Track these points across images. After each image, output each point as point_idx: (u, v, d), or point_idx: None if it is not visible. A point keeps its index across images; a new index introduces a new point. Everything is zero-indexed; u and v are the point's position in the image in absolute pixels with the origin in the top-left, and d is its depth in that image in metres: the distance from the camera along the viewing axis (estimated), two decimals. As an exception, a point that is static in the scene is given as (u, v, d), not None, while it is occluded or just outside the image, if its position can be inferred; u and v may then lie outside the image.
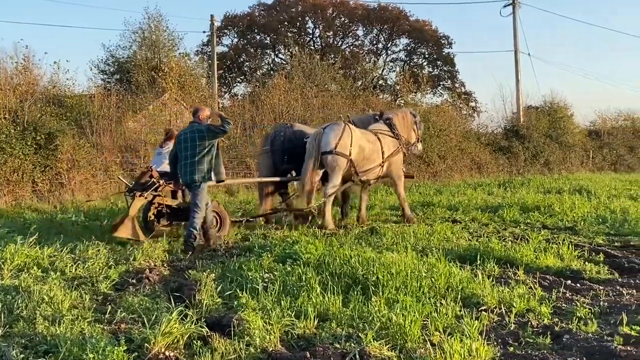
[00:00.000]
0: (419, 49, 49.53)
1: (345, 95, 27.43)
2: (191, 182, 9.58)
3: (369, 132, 12.30)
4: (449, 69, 48.44)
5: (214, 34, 32.78)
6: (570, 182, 22.04)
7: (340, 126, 11.69)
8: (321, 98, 25.87)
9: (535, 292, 6.30)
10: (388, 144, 12.40)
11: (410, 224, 11.78)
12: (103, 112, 19.47)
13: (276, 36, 47.31)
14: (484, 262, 7.72)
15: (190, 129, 9.84)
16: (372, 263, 6.90)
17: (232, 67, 46.71)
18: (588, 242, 9.78)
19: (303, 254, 7.57)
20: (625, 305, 5.91)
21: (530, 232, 10.65)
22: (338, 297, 5.89)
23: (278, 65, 45.55)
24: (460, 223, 12.16)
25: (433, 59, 49.09)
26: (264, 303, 5.74)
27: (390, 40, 49.67)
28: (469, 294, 6.20)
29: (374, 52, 49.50)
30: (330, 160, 11.50)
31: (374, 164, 12.08)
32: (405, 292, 6.07)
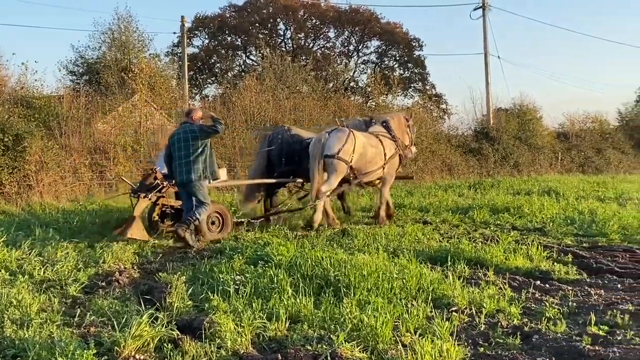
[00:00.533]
0: (390, 51, 49.76)
1: (317, 97, 27.40)
2: (187, 181, 9.82)
3: (371, 135, 12.52)
4: (420, 71, 48.75)
5: (184, 35, 32.62)
6: (539, 183, 22.30)
7: (345, 132, 11.90)
8: (292, 100, 25.84)
9: (505, 293, 6.37)
10: (389, 146, 12.65)
11: (380, 225, 11.91)
12: (72, 113, 19.21)
13: (247, 37, 47.21)
14: (455, 263, 7.78)
15: (183, 129, 10.10)
16: (344, 265, 6.92)
17: (202, 68, 46.47)
18: (557, 243, 9.91)
19: (275, 255, 7.55)
20: (593, 305, 5.99)
21: (500, 233, 10.76)
22: (310, 299, 5.89)
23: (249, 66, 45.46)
24: (431, 224, 12.24)
25: (404, 61, 49.35)
26: (235, 305, 5.72)
27: (362, 43, 49.87)
28: (440, 295, 6.24)
29: (345, 54, 49.68)
30: (331, 164, 11.70)
31: (376, 166, 12.32)
32: (377, 293, 6.09)
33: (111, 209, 13.27)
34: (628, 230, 10.90)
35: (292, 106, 25.10)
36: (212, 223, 10.76)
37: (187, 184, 9.88)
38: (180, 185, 10.11)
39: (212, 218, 10.76)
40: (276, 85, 27.21)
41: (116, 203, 13.54)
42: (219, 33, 47.68)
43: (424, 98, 42.90)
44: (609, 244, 9.82)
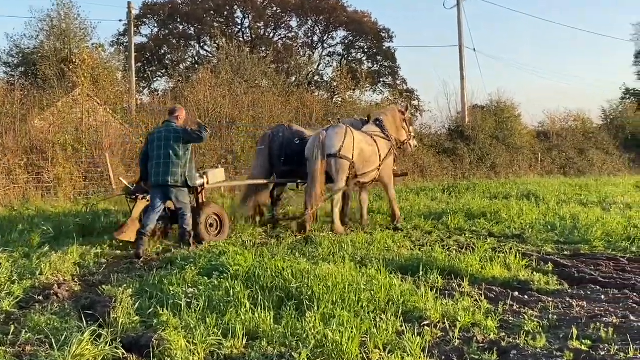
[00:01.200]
0: (357, 42, 49.95)
1: (278, 92, 27.43)
2: (163, 183, 10.02)
3: (366, 134, 12.94)
4: (390, 64, 49.01)
5: (131, 22, 32.26)
6: (517, 186, 22.56)
7: (342, 128, 12.38)
8: (251, 95, 25.82)
9: (481, 305, 6.42)
10: (382, 146, 13.07)
11: (397, 224, 12.83)
12: (5, 109, 18.92)
13: (201, 26, 46.92)
14: (427, 273, 7.82)
15: (165, 127, 10.34)
16: (307, 275, 6.92)
17: (151, 59, 46.09)
18: (536, 250, 10.04)
19: (231, 266, 7.52)
20: (575, 318, 6.07)
21: (476, 241, 10.85)
22: (269, 313, 5.88)
23: (203, 58, 45.21)
24: (402, 231, 12.30)
25: (373, 54, 49.57)
26: (187, 321, 5.69)
27: (327, 33, 49.97)
28: (411, 307, 6.27)
29: (309, 46, 49.72)
30: (335, 164, 12.12)
31: (373, 166, 12.77)
32: (343, 306, 6.10)
33: (50, 215, 13.10)
34: (612, 237, 11.07)
35: (251, 102, 25.08)
36: (210, 225, 11.09)
37: (161, 186, 10.09)
38: (155, 187, 10.27)
39: (210, 220, 11.10)
40: (233, 78, 27.14)
41: (54, 208, 13.36)
42: (170, 21, 47.34)
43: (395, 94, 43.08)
44: (592, 252, 9.97)
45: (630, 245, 10.28)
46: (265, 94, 26.58)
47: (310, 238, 10.91)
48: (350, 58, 49.61)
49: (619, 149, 40.07)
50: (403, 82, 48.71)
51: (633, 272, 8.25)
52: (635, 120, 42.38)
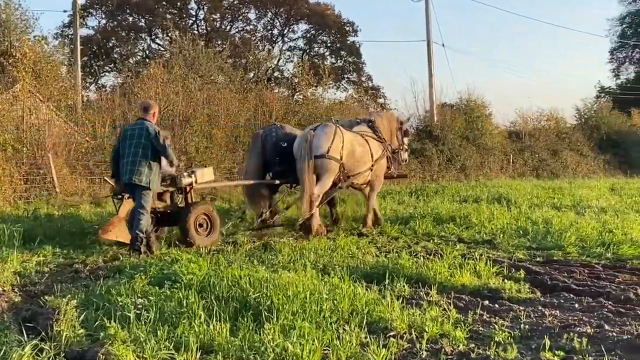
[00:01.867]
0: (319, 36, 50.10)
1: (235, 89, 27.34)
2: (129, 181, 10.38)
3: (357, 134, 13.21)
4: (354, 60, 49.23)
5: (77, 13, 31.93)
6: (488, 189, 22.77)
7: (332, 128, 12.60)
8: (206, 91, 25.71)
9: (449, 315, 6.45)
10: (375, 147, 13.39)
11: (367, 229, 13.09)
12: (-63, 106, 18.60)
13: (152, 18, 46.66)
14: (393, 281, 7.86)
15: (139, 125, 10.69)
16: (266, 284, 6.90)
17: (99, 53, 45.63)
18: (507, 257, 10.13)
19: (184, 274, 7.48)
20: (547, 327, 6.13)
21: (444, 247, 10.93)
22: (225, 324, 5.85)
23: (155, 52, 44.99)
24: (367, 237, 12.36)
25: (336, 49, 49.76)
26: (136, 334, 5.63)
27: (287, 26, 50.06)
28: (376, 318, 6.29)
29: (268, 39, 49.75)
30: (322, 164, 12.33)
31: (364, 167, 13.07)
32: (304, 317, 6.09)
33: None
34: (586, 243, 11.21)
35: (206, 99, 24.97)
36: (199, 225, 11.33)
37: (129, 185, 10.42)
38: (126, 186, 10.66)
39: (200, 220, 11.35)
40: (187, 74, 27.00)
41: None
42: (119, 12, 46.99)
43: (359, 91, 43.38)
44: (566, 258, 10.10)
45: (605, 251, 10.43)
46: (221, 90, 26.46)
47: (269, 244, 10.92)
48: (312, 53, 49.77)
49: (593, 150, 40.58)
50: (368, 78, 49.07)
51: (608, 280, 8.37)
52: (611, 120, 42.96)
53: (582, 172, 37.21)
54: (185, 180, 11.50)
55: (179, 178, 11.53)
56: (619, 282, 8.21)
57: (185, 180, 11.49)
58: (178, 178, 11.53)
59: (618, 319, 6.36)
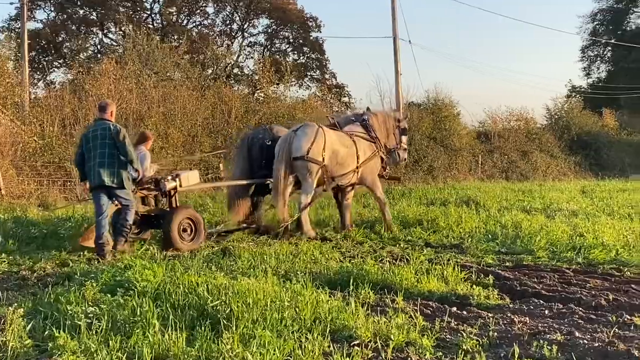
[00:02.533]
0: (281, 31, 50.04)
1: (192, 86, 27.25)
2: (99, 184, 10.56)
3: (344, 134, 13.27)
4: (318, 56, 49.25)
5: (24, 6, 31.58)
6: (456, 192, 22.96)
7: (313, 128, 12.66)
8: (162, 88, 25.59)
9: (416, 322, 6.48)
10: (364, 148, 13.45)
11: (390, 232, 13.17)
12: None
13: (105, 11, 46.20)
14: (358, 287, 7.87)
15: (100, 126, 10.81)
16: (224, 291, 6.88)
17: (47, 48, 45.16)
18: (476, 262, 10.22)
19: (138, 281, 7.42)
20: (517, 335, 6.19)
21: (411, 252, 10.96)
22: (181, 334, 5.82)
23: (107, 47, 44.53)
24: (331, 241, 12.37)
25: (298, 45, 49.72)
26: (87, 344, 5.58)
27: (247, 21, 49.91)
28: (340, 325, 6.30)
29: (227, 35, 49.57)
30: (302, 167, 12.45)
31: (347, 169, 13.09)
32: (264, 325, 6.08)
33: None
34: (557, 247, 11.36)
35: (162, 96, 24.86)
36: (183, 230, 11.45)
37: (100, 187, 10.62)
38: (96, 188, 10.76)
39: (184, 225, 11.49)
40: (141, 70, 26.84)
41: None
42: (69, 5, 46.44)
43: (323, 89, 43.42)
44: (536, 263, 10.21)
45: (575, 256, 10.57)
46: (177, 88, 26.37)
47: (227, 249, 10.89)
48: (274, 49, 49.74)
49: (564, 151, 40.97)
50: (332, 76, 49.08)
51: (579, 285, 8.48)
52: (582, 120, 43.45)
53: (552, 174, 37.56)
54: (169, 184, 11.70)
55: (162, 182, 11.70)
56: (590, 288, 8.31)
57: (169, 184, 11.68)
58: (162, 182, 11.70)
59: (589, 326, 6.45)
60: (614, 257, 10.54)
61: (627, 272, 9.40)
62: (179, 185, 11.86)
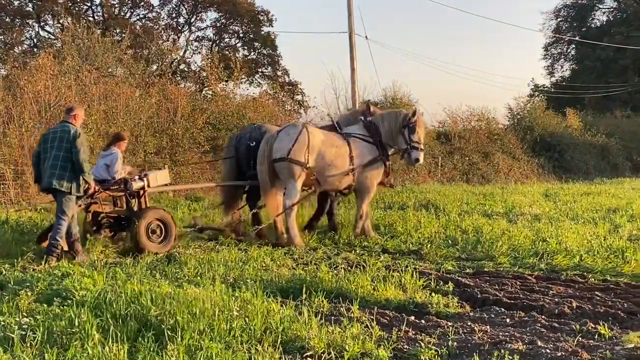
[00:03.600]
0: (231, 26, 49.92)
1: (136, 83, 26.99)
2: (48, 186, 10.70)
3: (336, 135, 13.25)
4: (269, 52, 49.21)
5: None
6: (415, 195, 23.04)
7: (297, 128, 12.74)
8: (103, 85, 25.28)
9: (372, 332, 6.51)
10: (361, 150, 13.28)
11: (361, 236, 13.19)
12: None
13: (41, 2, 45.62)
14: (311, 296, 7.89)
15: (61, 127, 10.98)
16: (169, 301, 6.86)
17: (-22, 41, 44.45)
18: (435, 268, 10.30)
19: (76, 290, 7.38)
20: (477, 344, 6.25)
21: (367, 258, 11.00)
22: (123, 346, 5.78)
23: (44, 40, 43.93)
24: (283, 247, 12.35)
25: (249, 40, 49.65)
26: (21, 357, 5.52)
27: (195, 14, 49.68)
28: (292, 336, 6.31)
29: (173, 29, 49.25)
30: (283, 170, 12.49)
31: (337, 171, 12.99)
32: (212, 336, 6.07)
33: None
34: (519, 253, 11.49)
35: (103, 93, 24.57)
36: (152, 232, 11.60)
37: (49, 190, 10.86)
38: (44, 190, 11.17)
39: (152, 227, 11.53)
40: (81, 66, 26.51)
41: None
42: (2, -5, 45.80)
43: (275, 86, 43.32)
44: (497, 270, 10.33)
45: (538, 262, 10.71)
46: (120, 84, 26.07)
47: (173, 256, 10.84)
48: (223, 44, 49.58)
49: (526, 152, 41.29)
50: (285, 73, 49.05)
51: (541, 292, 8.59)
52: (545, 121, 43.83)
53: (514, 177, 37.82)
54: (136, 184, 11.81)
55: (129, 182, 11.78)
56: (553, 295, 8.44)
57: (135, 184, 11.79)
58: (129, 182, 11.78)
59: (552, 335, 6.54)
60: (578, 263, 10.70)
61: (591, 279, 9.57)
62: (146, 185, 11.95)
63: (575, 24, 67.17)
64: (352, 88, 34.16)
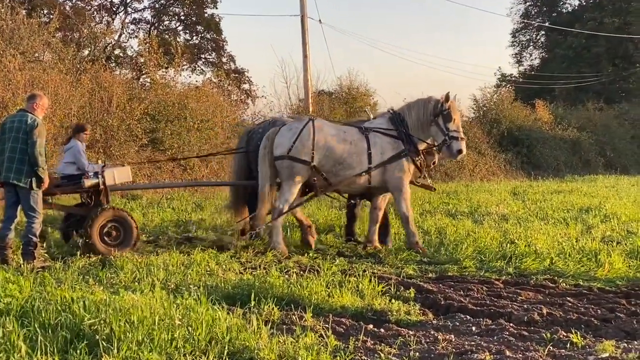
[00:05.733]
0: (171, 7, 49.54)
1: (66, 69, 26.70)
2: (6, 180, 10.78)
3: (351, 129, 12.73)
4: (214, 36, 48.95)
5: None
6: (373, 193, 23.09)
7: (302, 122, 12.41)
8: (29, 71, 24.99)
9: (327, 342, 6.52)
10: (382, 146, 12.60)
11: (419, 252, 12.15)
12: None
13: (-41, -21, 44.98)
14: (260, 302, 7.89)
15: (18, 117, 11.10)
16: (104, 309, 6.80)
17: None
18: (395, 273, 10.36)
19: (0, 297, 7.28)
20: (440, 354, 6.30)
21: (321, 261, 11.03)
22: (53, 358, 5.74)
23: (-38, 22, 43.29)
24: (229, 250, 12.31)
25: (191, 23, 49.35)
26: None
27: (131, -6, 49.24)
28: (240, 346, 6.30)
29: (107, 10, 48.75)
30: (283, 168, 12.20)
31: (350, 170, 12.42)
32: (151, 347, 6.04)
33: None
34: (485, 256, 11.60)
35: (29, 81, 24.27)
36: (107, 234, 11.72)
37: (11, 185, 10.85)
38: (5, 185, 11.07)
39: (107, 228, 11.74)
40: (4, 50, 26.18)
41: None
42: None
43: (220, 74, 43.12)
44: (462, 274, 10.43)
45: (506, 265, 10.83)
46: (48, 71, 25.78)
47: (107, 260, 10.75)
48: (162, 27, 49.21)
49: (493, 147, 41.51)
50: (231, 59, 48.83)
51: (509, 298, 8.69)
52: (512, 113, 44.08)
53: (480, 174, 38.01)
54: (89, 181, 11.80)
55: (83, 179, 11.82)
56: (522, 301, 8.54)
57: (88, 181, 11.79)
58: (82, 179, 11.82)
59: (521, 344, 6.62)
60: (548, 266, 10.86)
61: (563, 283, 9.71)
62: (101, 182, 11.86)
63: (545, 9, 67.36)
64: (305, 76, 34.04)
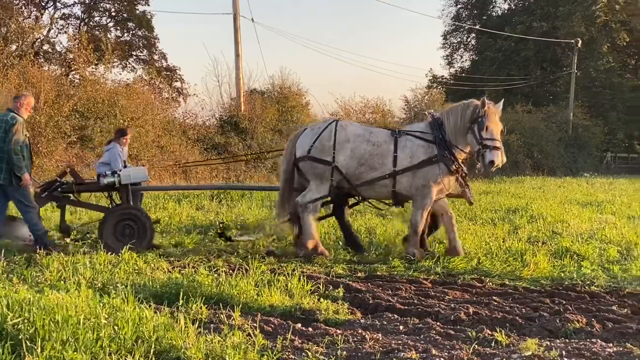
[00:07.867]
0: (101, 3, 49.11)
1: (-8, 65, 26.31)
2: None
3: (379, 130, 12.49)
4: (145, 34, 48.69)
5: None
6: (302, 193, 23.13)
7: (326, 123, 12.24)
8: (-48, 68, 24.58)
9: (255, 341, 6.52)
10: (412, 150, 11.96)
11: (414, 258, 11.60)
12: None
13: None
14: (188, 301, 7.85)
15: (3, 115, 11.42)
16: (28, 307, 6.71)
17: None
18: (324, 272, 10.40)
19: None
20: (368, 353, 6.34)
21: (250, 260, 11.00)
22: (-26, 358, 5.64)
23: None
24: (158, 249, 12.24)
25: (122, 19, 49.01)
26: None
27: (61, -12, 48.62)
28: (166, 346, 6.27)
29: (35, 4, 48.06)
30: (304, 168, 12.02)
31: (374, 172, 11.91)
32: (76, 347, 5.97)
33: None
34: (414, 255, 11.69)
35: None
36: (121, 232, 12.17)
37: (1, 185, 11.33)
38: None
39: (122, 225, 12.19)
40: None
41: None
42: None
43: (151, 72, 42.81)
44: (390, 273, 10.51)
45: (434, 265, 10.95)
46: (-28, 67, 25.40)
47: (32, 258, 10.61)
48: (93, 23, 48.77)
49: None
50: (162, 57, 48.66)
51: (437, 298, 8.79)
52: (443, 115, 44.67)
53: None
54: (105, 180, 12.16)
55: (100, 178, 12.28)
56: (449, 300, 8.64)
57: (104, 180, 12.16)
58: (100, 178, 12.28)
59: (447, 342, 6.69)
60: (475, 266, 11.01)
61: (489, 283, 9.86)
62: (117, 182, 12.13)
63: (476, 12, 68.43)
64: (237, 75, 34.07)
